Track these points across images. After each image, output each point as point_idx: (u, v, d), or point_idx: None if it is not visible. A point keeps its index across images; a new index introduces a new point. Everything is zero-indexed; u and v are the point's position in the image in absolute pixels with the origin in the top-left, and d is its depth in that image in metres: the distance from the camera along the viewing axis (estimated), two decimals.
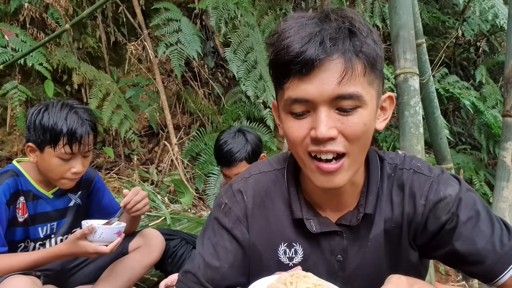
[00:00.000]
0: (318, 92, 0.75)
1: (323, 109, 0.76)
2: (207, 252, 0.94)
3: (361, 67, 0.76)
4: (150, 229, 1.85)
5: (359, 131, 0.78)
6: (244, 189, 0.96)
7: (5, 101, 3.26)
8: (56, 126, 1.46)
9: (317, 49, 0.74)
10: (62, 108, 1.50)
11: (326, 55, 0.74)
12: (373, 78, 0.80)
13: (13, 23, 3.43)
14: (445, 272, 3.45)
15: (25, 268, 1.42)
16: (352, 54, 0.75)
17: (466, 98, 4.62)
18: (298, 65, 0.75)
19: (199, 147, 4.00)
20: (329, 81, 0.75)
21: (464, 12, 5.47)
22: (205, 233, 0.98)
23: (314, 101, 0.76)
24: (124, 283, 1.64)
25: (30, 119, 1.50)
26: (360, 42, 0.76)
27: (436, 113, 2.51)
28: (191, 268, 0.94)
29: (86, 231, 1.41)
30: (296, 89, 0.77)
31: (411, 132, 1.75)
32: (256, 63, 3.85)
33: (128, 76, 4.31)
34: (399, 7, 1.85)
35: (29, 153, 1.53)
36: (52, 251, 1.46)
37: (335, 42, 0.75)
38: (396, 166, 0.93)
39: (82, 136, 1.49)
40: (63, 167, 1.51)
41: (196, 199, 3.74)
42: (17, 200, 1.53)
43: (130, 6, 4.12)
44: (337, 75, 0.74)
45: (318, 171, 0.80)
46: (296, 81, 0.77)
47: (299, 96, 0.77)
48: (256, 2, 4.31)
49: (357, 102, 0.76)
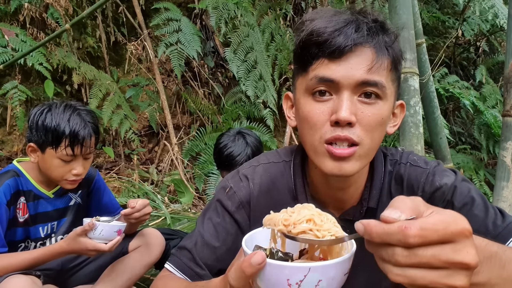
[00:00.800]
0: (346, 74, 0.77)
1: (347, 93, 0.78)
2: (207, 231, 0.93)
3: (388, 62, 0.80)
4: (150, 228, 1.86)
5: (375, 122, 0.79)
6: (252, 176, 0.96)
7: (5, 101, 3.26)
8: (58, 127, 1.46)
9: (353, 34, 0.77)
10: (65, 110, 1.50)
11: (360, 41, 0.77)
12: (394, 78, 0.83)
13: (13, 23, 3.43)
14: None
15: (26, 266, 1.42)
16: (383, 48, 0.79)
17: (466, 98, 4.62)
18: (332, 47, 0.77)
19: (199, 147, 4.00)
20: (358, 66, 0.77)
21: (464, 12, 5.47)
22: (206, 213, 0.97)
23: (339, 83, 0.78)
24: (124, 282, 1.64)
25: (33, 119, 1.50)
26: (390, 40, 0.81)
27: (436, 113, 2.51)
28: (187, 244, 0.93)
29: (87, 227, 1.41)
30: (324, 69, 0.79)
31: (411, 132, 1.75)
32: (256, 63, 3.85)
33: (128, 76, 4.31)
34: (399, 7, 1.85)
35: (30, 153, 1.53)
36: (53, 248, 1.46)
37: (370, 32, 0.78)
38: (396, 162, 0.94)
39: (84, 139, 1.49)
40: (64, 168, 1.51)
41: (196, 199, 3.74)
42: (18, 201, 1.53)
43: (130, 6, 4.12)
44: (367, 62, 0.77)
45: (330, 156, 0.80)
46: (326, 61, 0.79)
47: (327, 75, 0.79)
48: (256, 2, 4.31)
49: (380, 91, 0.79)
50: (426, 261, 0.46)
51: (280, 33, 4.27)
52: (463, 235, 0.48)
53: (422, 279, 0.47)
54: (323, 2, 4.63)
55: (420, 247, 0.46)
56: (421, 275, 0.47)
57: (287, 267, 0.56)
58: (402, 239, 0.47)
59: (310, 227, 0.61)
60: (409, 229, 0.46)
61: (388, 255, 0.49)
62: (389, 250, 0.48)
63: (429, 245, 0.46)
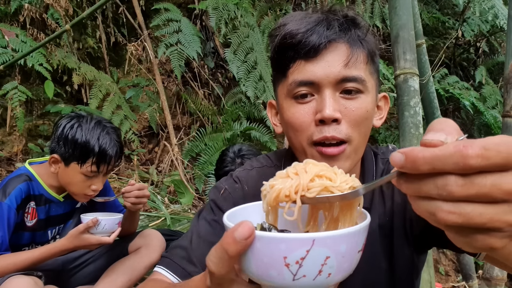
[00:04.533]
0: (324, 73, 0.78)
1: (328, 91, 0.78)
2: (203, 228, 0.90)
3: (363, 55, 0.80)
4: (150, 229, 1.86)
5: (361, 116, 0.80)
6: (246, 179, 0.96)
7: (5, 101, 3.26)
8: (88, 144, 1.48)
9: (325, 31, 0.78)
10: (95, 127, 1.52)
11: (334, 37, 0.78)
12: (372, 71, 0.83)
13: (13, 23, 3.43)
14: (445, 272, 3.45)
15: (29, 265, 1.44)
16: (357, 42, 0.80)
17: (466, 99, 4.62)
18: (306, 47, 0.77)
19: (199, 148, 4.00)
20: (335, 63, 0.77)
21: (464, 12, 5.47)
22: (200, 214, 0.95)
23: (319, 83, 0.78)
24: (125, 283, 1.64)
25: (62, 132, 1.51)
26: (363, 34, 0.82)
27: (436, 113, 2.51)
28: (182, 243, 0.88)
29: (91, 223, 1.44)
30: (302, 71, 0.79)
31: (411, 133, 1.75)
32: (256, 63, 3.85)
33: (128, 77, 4.31)
34: (399, 7, 1.85)
35: (52, 164, 1.54)
36: (54, 246, 1.48)
37: (341, 28, 0.79)
38: (387, 161, 0.94)
39: (111, 158, 1.52)
40: (85, 183, 1.53)
41: (196, 200, 3.74)
42: (27, 205, 1.54)
43: (130, 7, 4.12)
44: (343, 58, 0.78)
45: (320, 156, 0.80)
46: (302, 63, 0.79)
47: (305, 78, 0.79)
48: (256, 3, 4.31)
49: (360, 86, 0.79)
50: (487, 192, 0.37)
51: None
52: None
53: (480, 217, 0.38)
54: (323, 2, 4.63)
55: (479, 175, 0.37)
56: (478, 211, 0.38)
57: (284, 240, 0.43)
58: (460, 161, 0.37)
59: (325, 183, 0.50)
60: (470, 148, 0.37)
61: (438, 187, 0.39)
62: (439, 180, 0.39)
63: (489, 172, 0.37)
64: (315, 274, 0.44)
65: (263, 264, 0.44)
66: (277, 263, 0.43)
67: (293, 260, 0.43)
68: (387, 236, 0.90)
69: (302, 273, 0.44)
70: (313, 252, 0.42)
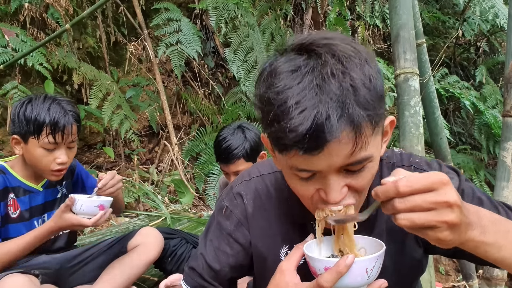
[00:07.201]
0: (327, 165, 0.70)
1: (332, 176, 0.72)
2: (209, 254, 0.97)
3: (369, 128, 0.69)
4: (148, 227, 1.86)
5: (367, 182, 0.76)
6: (245, 192, 0.97)
7: (5, 101, 3.26)
8: (39, 116, 1.50)
9: (324, 130, 0.65)
10: (45, 100, 1.54)
11: (336, 134, 0.66)
12: (379, 126, 0.74)
13: (13, 23, 3.42)
14: (445, 272, 3.45)
15: (21, 252, 1.47)
16: (360, 117, 0.67)
17: (466, 98, 4.62)
18: (303, 148, 0.68)
19: (199, 147, 4.01)
20: (339, 154, 0.69)
21: (464, 12, 5.47)
22: (207, 234, 1.00)
23: (322, 172, 0.72)
24: (123, 282, 1.64)
25: (14, 112, 1.54)
26: (364, 94, 0.67)
27: (436, 113, 2.51)
28: (196, 267, 0.99)
29: (68, 202, 1.46)
30: (302, 162, 0.71)
31: (411, 132, 1.75)
32: (256, 63, 3.84)
33: (128, 76, 4.31)
34: (399, 7, 1.85)
35: (15, 146, 1.57)
36: (42, 229, 1.50)
37: (342, 112, 0.66)
38: (393, 164, 0.93)
39: (65, 126, 1.52)
40: (48, 157, 1.54)
41: (196, 199, 3.74)
42: (7, 197, 1.56)
43: (130, 6, 4.12)
44: (348, 148, 0.68)
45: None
46: (301, 155, 0.69)
47: (307, 168, 0.72)
48: (256, 2, 4.31)
49: (366, 162, 0.72)
50: (418, 204, 0.61)
51: (280, 33, 4.27)
52: (442, 183, 0.61)
53: (419, 219, 0.62)
54: (323, 2, 4.63)
55: (410, 196, 0.62)
56: (417, 216, 0.62)
57: (367, 260, 0.73)
58: (395, 190, 0.62)
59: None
60: (399, 182, 0.62)
61: (392, 206, 0.64)
62: (391, 202, 0.64)
63: (417, 193, 0.62)
64: (374, 276, 0.76)
65: (353, 276, 0.74)
66: (363, 274, 0.74)
67: (369, 269, 0.74)
68: (396, 241, 0.90)
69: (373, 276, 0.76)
70: (376, 263, 0.74)
